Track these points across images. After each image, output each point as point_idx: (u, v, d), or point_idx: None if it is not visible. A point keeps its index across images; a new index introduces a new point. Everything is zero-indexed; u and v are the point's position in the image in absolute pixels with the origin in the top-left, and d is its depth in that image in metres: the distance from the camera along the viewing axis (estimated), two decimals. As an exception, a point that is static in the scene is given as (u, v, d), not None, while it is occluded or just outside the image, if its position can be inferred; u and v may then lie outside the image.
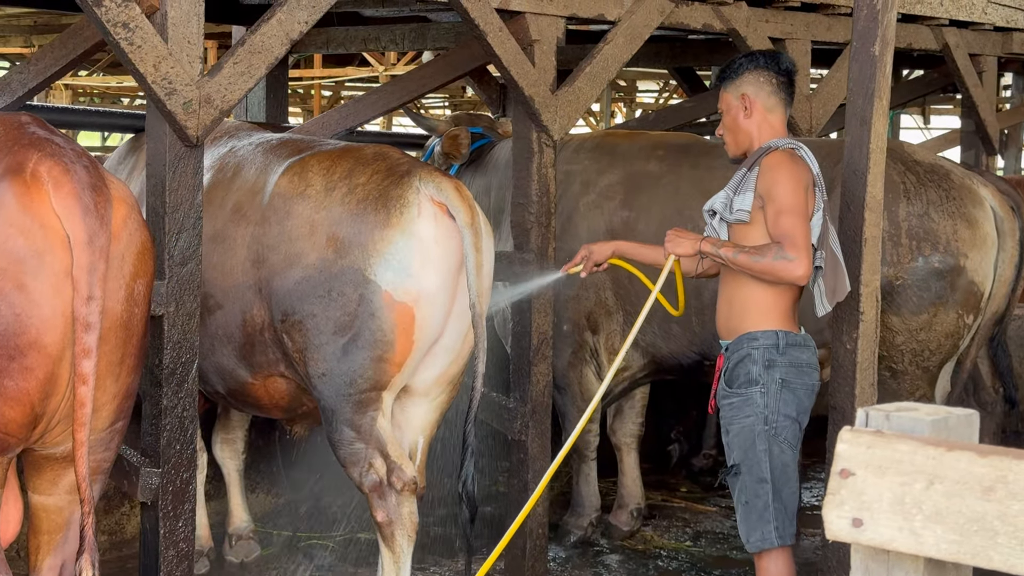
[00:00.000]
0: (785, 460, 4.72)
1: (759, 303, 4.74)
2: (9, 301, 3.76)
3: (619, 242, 5.44)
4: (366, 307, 4.90)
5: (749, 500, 4.73)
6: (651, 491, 7.57)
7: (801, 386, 4.74)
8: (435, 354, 5.08)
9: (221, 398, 5.67)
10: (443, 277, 4.97)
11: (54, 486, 4.09)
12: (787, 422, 4.71)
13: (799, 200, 4.61)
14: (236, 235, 5.28)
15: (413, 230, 4.93)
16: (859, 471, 1.71)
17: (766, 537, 4.70)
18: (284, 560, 6.54)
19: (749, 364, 4.72)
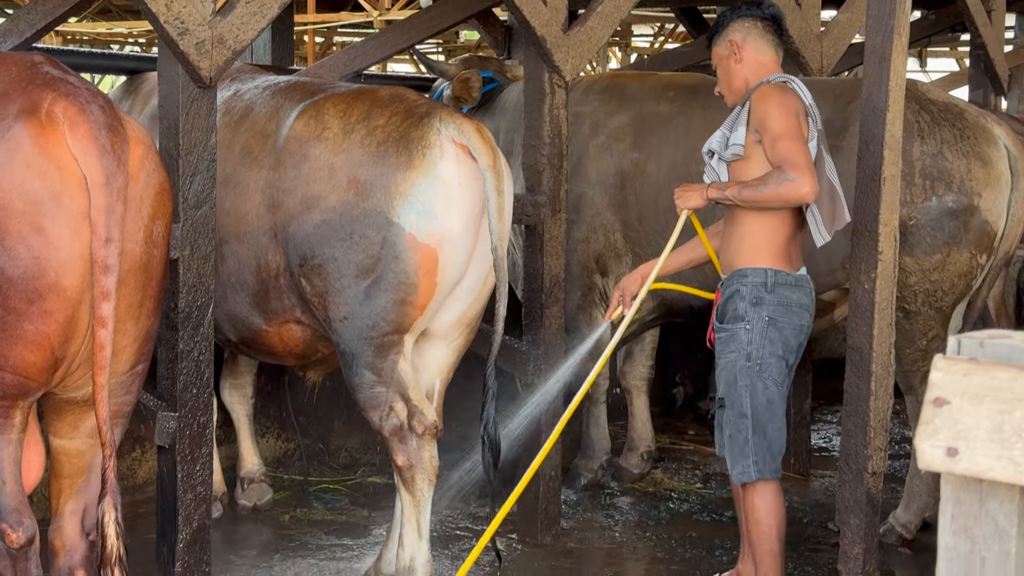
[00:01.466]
0: (770, 397, 4.84)
1: (752, 240, 4.86)
2: (27, 244, 3.72)
3: (643, 267, 5.39)
4: (389, 250, 4.86)
5: (732, 434, 4.90)
6: (659, 434, 7.58)
7: (788, 325, 4.83)
8: (456, 296, 5.05)
9: (233, 346, 5.63)
10: (466, 219, 4.92)
11: (75, 430, 4.07)
12: (772, 360, 4.82)
13: (792, 124, 4.70)
14: (248, 180, 5.22)
15: (436, 172, 4.88)
16: (954, 399, 1.68)
17: (745, 471, 4.87)
18: (296, 504, 6.54)
19: (737, 300, 4.85)
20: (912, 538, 6.20)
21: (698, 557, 6.04)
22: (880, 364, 4.92)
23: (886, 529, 6.15)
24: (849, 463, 4.97)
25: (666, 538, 6.30)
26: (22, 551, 3.87)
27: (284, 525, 6.22)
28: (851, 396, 4.96)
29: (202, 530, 4.92)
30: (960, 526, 1.75)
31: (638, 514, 6.68)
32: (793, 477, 6.96)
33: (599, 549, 6.16)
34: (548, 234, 6.00)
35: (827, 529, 6.39)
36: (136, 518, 6.03)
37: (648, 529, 6.44)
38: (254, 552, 5.87)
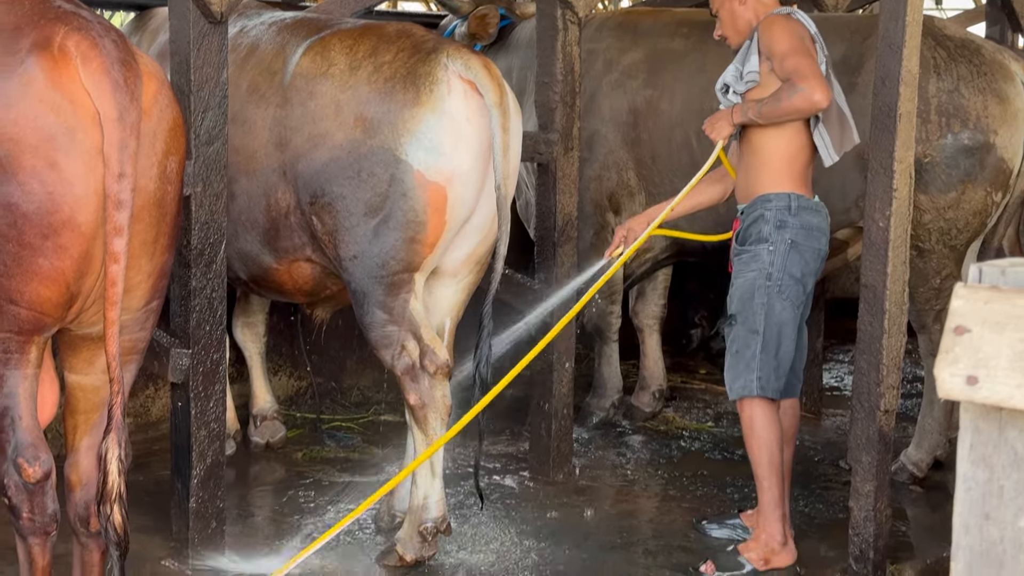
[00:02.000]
0: (784, 318, 5.04)
1: (773, 166, 5.06)
2: (41, 179, 3.70)
3: (650, 210, 5.61)
4: (397, 187, 4.83)
5: (739, 349, 5.08)
6: (671, 373, 7.60)
7: (809, 248, 5.06)
8: (465, 234, 5.03)
9: (243, 284, 5.63)
10: (475, 156, 4.89)
11: (90, 366, 4.07)
12: (791, 281, 5.03)
13: (797, 42, 4.93)
14: (256, 118, 5.19)
15: (444, 108, 4.84)
16: (975, 327, 1.67)
17: (747, 385, 5.04)
18: (309, 442, 6.57)
19: (761, 224, 5.04)
20: (923, 476, 6.22)
21: (709, 495, 6.06)
22: (894, 302, 4.90)
23: (897, 468, 6.16)
24: (861, 401, 4.97)
25: (678, 476, 6.32)
26: (38, 485, 3.89)
27: (297, 463, 6.26)
28: (864, 334, 4.95)
29: (216, 466, 4.94)
30: (979, 455, 1.74)
31: (650, 452, 6.70)
32: (805, 416, 6.96)
33: (611, 487, 6.19)
34: (561, 172, 5.98)
35: (839, 467, 6.42)
36: (150, 455, 6.07)
37: (660, 467, 6.46)
38: (267, 489, 5.91)
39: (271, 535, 5.37)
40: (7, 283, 3.73)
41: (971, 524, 1.76)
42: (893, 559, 5.21)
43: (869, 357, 4.94)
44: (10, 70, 3.71)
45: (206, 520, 4.94)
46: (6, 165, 3.67)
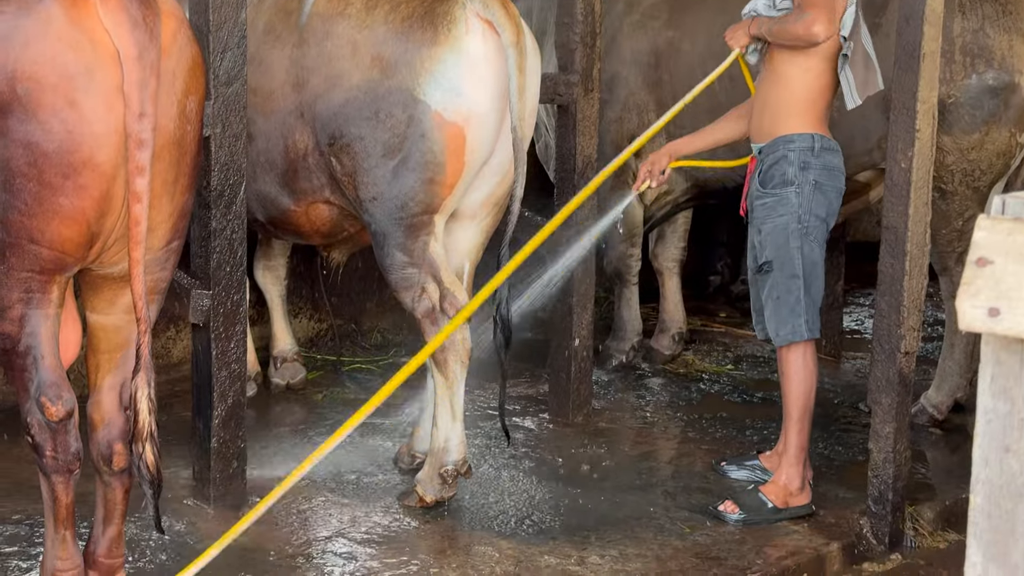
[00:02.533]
0: (814, 258, 5.09)
1: (795, 106, 5.07)
2: (61, 118, 3.70)
3: (674, 143, 5.65)
4: (416, 128, 4.80)
5: (781, 296, 5.09)
6: (690, 316, 7.59)
7: (831, 188, 5.10)
8: (483, 176, 5.01)
9: (260, 226, 5.62)
10: (493, 96, 4.85)
11: (112, 305, 4.08)
12: (817, 222, 5.07)
13: None
14: (273, 58, 5.16)
15: (462, 47, 4.81)
16: (997, 259, 1.66)
17: (797, 330, 5.08)
18: (329, 383, 6.60)
19: (785, 165, 5.05)
20: (943, 419, 6.22)
21: (728, 437, 6.08)
22: (915, 244, 4.88)
23: (917, 410, 6.16)
24: (882, 343, 4.96)
25: (697, 418, 6.34)
26: (61, 424, 3.91)
27: (317, 404, 6.29)
28: (885, 276, 4.93)
29: (237, 407, 4.97)
30: (1000, 387, 1.74)
31: (669, 395, 6.71)
32: (825, 359, 6.96)
33: (630, 429, 6.20)
34: (581, 114, 5.95)
35: (858, 410, 6.42)
36: (172, 396, 6.10)
37: (679, 409, 6.47)
38: (288, 430, 5.94)
39: (292, 475, 5.40)
40: (28, 223, 3.73)
41: (991, 457, 1.76)
42: (912, 501, 5.23)
43: (890, 299, 4.93)
44: (29, 9, 3.70)
45: (227, 460, 4.98)
46: (26, 104, 3.67)
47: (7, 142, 3.69)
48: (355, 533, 4.90)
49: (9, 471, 5.29)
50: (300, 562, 4.65)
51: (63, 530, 4.03)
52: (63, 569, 4.06)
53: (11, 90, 3.67)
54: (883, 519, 5.04)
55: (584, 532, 4.98)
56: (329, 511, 5.08)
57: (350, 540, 4.84)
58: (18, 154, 3.70)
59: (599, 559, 4.76)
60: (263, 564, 4.61)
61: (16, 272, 3.80)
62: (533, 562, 4.71)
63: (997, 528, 1.77)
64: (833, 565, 4.97)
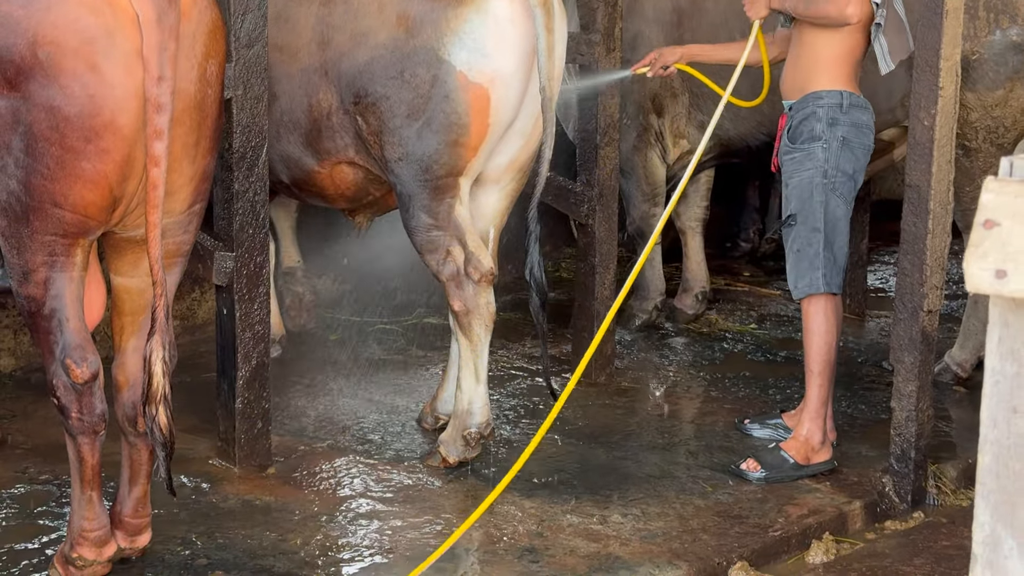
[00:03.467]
0: (839, 214, 5.13)
1: (825, 64, 5.11)
2: (82, 82, 3.72)
3: (689, 46, 5.84)
4: (440, 89, 4.78)
5: (801, 248, 5.14)
6: (714, 276, 7.59)
7: (859, 145, 5.13)
8: (508, 139, 4.98)
9: (285, 188, 5.59)
10: (518, 58, 4.83)
11: (135, 268, 4.12)
12: (844, 178, 5.11)
13: None
14: (299, 16, 5.15)
15: (487, 7, 4.78)
16: (1005, 221, 1.66)
17: (814, 283, 5.12)
18: (354, 345, 6.63)
19: (813, 121, 5.09)
20: (967, 377, 6.21)
21: (752, 396, 6.09)
22: (938, 202, 4.87)
23: (941, 368, 6.16)
24: (905, 301, 4.96)
25: (720, 377, 6.35)
26: (86, 386, 3.96)
27: (341, 364, 6.32)
28: (908, 234, 4.92)
29: (261, 367, 5.00)
30: (1007, 348, 1.74)
31: (692, 354, 6.72)
32: (849, 317, 6.95)
33: (653, 388, 6.22)
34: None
35: (882, 368, 6.42)
36: (196, 356, 6.15)
37: (702, 369, 6.48)
38: (313, 390, 5.98)
39: (316, 436, 5.45)
40: (51, 186, 3.77)
41: (999, 417, 1.76)
42: (935, 459, 5.23)
43: (913, 257, 4.92)
44: (49, -27, 3.72)
45: (252, 420, 5.02)
46: (47, 68, 3.69)
47: (29, 107, 3.72)
48: (379, 492, 4.94)
49: (36, 432, 5.35)
50: (324, 520, 4.69)
51: (89, 491, 4.08)
52: (90, 529, 4.12)
53: (32, 55, 3.70)
54: (905, 477, 5.05)
55: (606, 491, 5.01)
56: (353, 471, 5.12)
57: (374, 499, 4.89)
58: (40, 118, 3.72)
59: (621, 518, 4.79)
60: (288, 523, 4.66)
61: (40, 236, 3.84)
62: (556, 521, 4.74)
63: (1005, 488, 1.79)
64: (855, 523, 4.99)
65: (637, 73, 5.77)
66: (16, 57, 3.71)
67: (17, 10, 3.72)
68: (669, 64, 5.66)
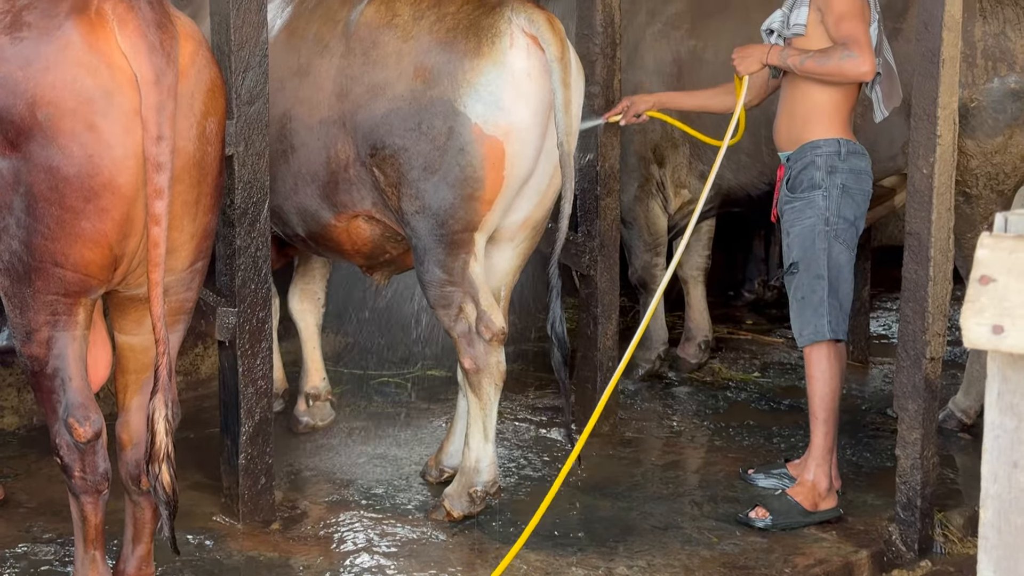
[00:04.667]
0: (842, 261, 5.15)
1: (820, 113, 5.12)
2: (81, 142, 3.75)
3: (661, 94, 5.89)
4: (455, 141, 4.76)
5: (805, 296, 5.15)
6: (716, 324, 7.59)
7: (859, 191, 5.15)
8: (523, 196, 4.95)
9: (301, 241, 5.54)
10: (534, 112, 4.81)
11: (139, 326, 4.12)
12: (845, 224, 5.13)
13: (856, 5, 4.97)
14: (320, 68, 5.12)
15: (505, 61, 4.76)
16: (1001, 277, 1.67)
17: (819, 330, 5.13)
18: (357, 397, 6.62)
19: (812, 170, 5.11)
20: (972, 423, 6.20)
21: (756, 445, 6.07)
22: (939, 249, 4.87)
23: (946, 415, 6.14)
24: (907, 349, 4.95)
25: (724, 427, 6.33)
26: (89, 445, 3.96)
27: (344, 418, 6.30)
28: (909, 282, 4.92)
29: (264, 423, 5.00)
30: (1007, 403, 1.74)
31: (696, 403, 6.71)
32: (852, 364, 6.94)
33: (657, 438, 6.20)
34: (602, 125, 5.95)
35: (886, 415, 6.39)
36: (200, 412, 6.14)
37: (706, 418, 6.47)
38: (316, 444, 5.97)
39: (320, 491, 5.43)
40: (51, 246, 3.78)
41: (999, 472, 1.76)
42: (941, 507, 5.21)
43: (914, 305, 4.92)
44: (48, 34, 3.76)
45: (255, 476, 5.01)
46: (46, 129, 3.72)
47: (29, 167, 3.74)
48: (384, 547, 4.92)
49: (39, 490, 5.33)
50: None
51: (92, 549, 4.07)
52: (93, 588, 4.10)
53: (32, 115, 3.72)
54: (912, 526, 5.02)
55: (612, 543, 4.99)
56: (357, 525, 5.10)
57: (379, 554, 4.87)
58: (40, 179, 3.75)
59: (627, 570, 4.76)
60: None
61: (42, 295, 3.85)
62: (561, 573, 4.72)
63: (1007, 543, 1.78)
64: (862, 573, 4.96)
65: (610, 121, 5.76)
66: (16, 118, 3.74)
67: (16, 71, 3.76)
68: (641, 112, 5.68)
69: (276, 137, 5.19)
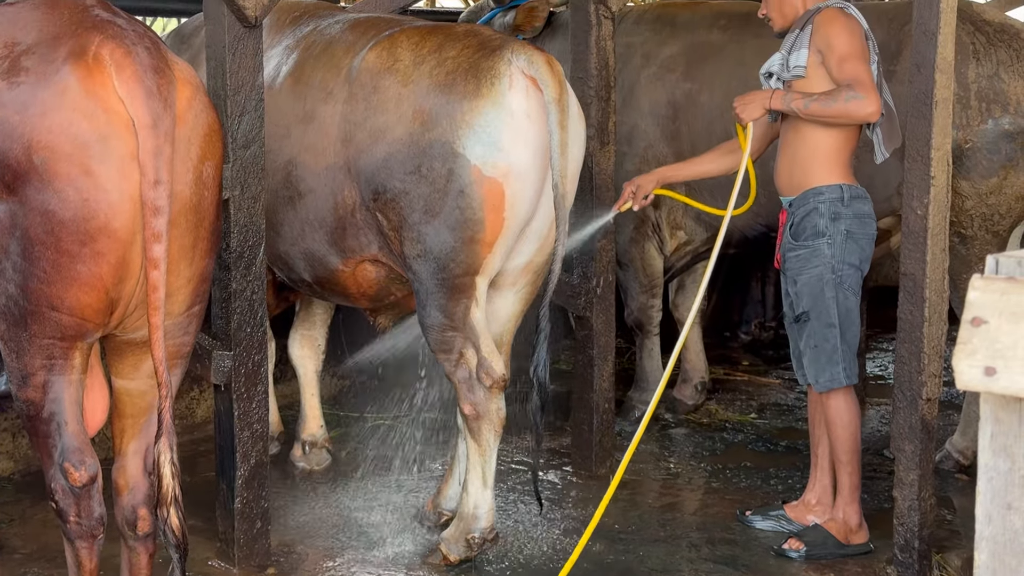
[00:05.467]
0: (849, 306, 5.17)
1: (822, 158, 5.12)
2: (77, 186, 3.75)
3: (662, 169, 5.79)
4: (455, 183, 4.73)
5: (818, 344, 5.17)
6: (713, 365, 7.58)
7: (863, 236, 5.17)
8: (524, 240, 4.94)
9: (307, 286, 5.53)
10: (534, 153, 4.78)
11: (136, 370, 4.12)
12: (851, 270, 5.14)
13: (858, 45, 4.98)
14: (325, 114, 5.13)
15: (504, 102, 4.75)
16: (992, 319, 1.67)
17: (835, 377, 5.17)
18: (353, 440, 6.61)
19: (816, 217, 5.11)
20: (969, 464, 6.18)
21: (753, 487, 6.05)
22: (934, 290, 4.88)
23: (943, 456, 6.13)
24: (903, 390, 4.95)
25: (721, 468, 6.31)
26: (85, 490, 3.94)
27: (340, 461, 6.29)
28: (905, 323, 4.93)
29: (260, 466, 4.99)
30: (1000, 445, 1.74)
31: (693, 445, 6.70)
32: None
33: (654, 480, 6.19)
34: (597, 167, 5.98)
35: (883, 456, 6.39)
36: (196, 456, 6.13)
37: (703, 460, 6.46)
38: (312, 488, 5.95)
39: (316, 535, 5.41)
40: (47, 290, 3.78)
41: (994, 514, 1.76)
42: (939, 548, 5.19)
43: (910, 346, 4.92)
44: (46, 79, 3.77)
45: (251, 520, 4.99)
46: (42, 173, 3.72)
47: (25, 211, 3.75)
48: (379, 591, 4.90)
49: (33, 536, 5.31)
50: (324, 622, 4.65)
51: (87, 595, 4.05)
52: (88, 634, 4.08)
53: (28, 159, 3.73)
54: (910, 567, 5.01)
55: (609, 586, 4.97)
56: (353, 569, 5.08)
57: (374, 598, 4.84)
58: (36, 222, 3.75)
59: (624, 613, 4.74)
60: (287, 624, 4.61)
61: (38, 339, 3.85)
62: (558, 618, 4.69)
63: (1002, 585, 1.77)
64: (860, 615, 4.94)
65: (622, 211, 5.66)
66: (12, 162, 3.75)
67: (13, 116, 3.77)
68: (649, 193, 5.57)
69: (283, 183, 5.21)
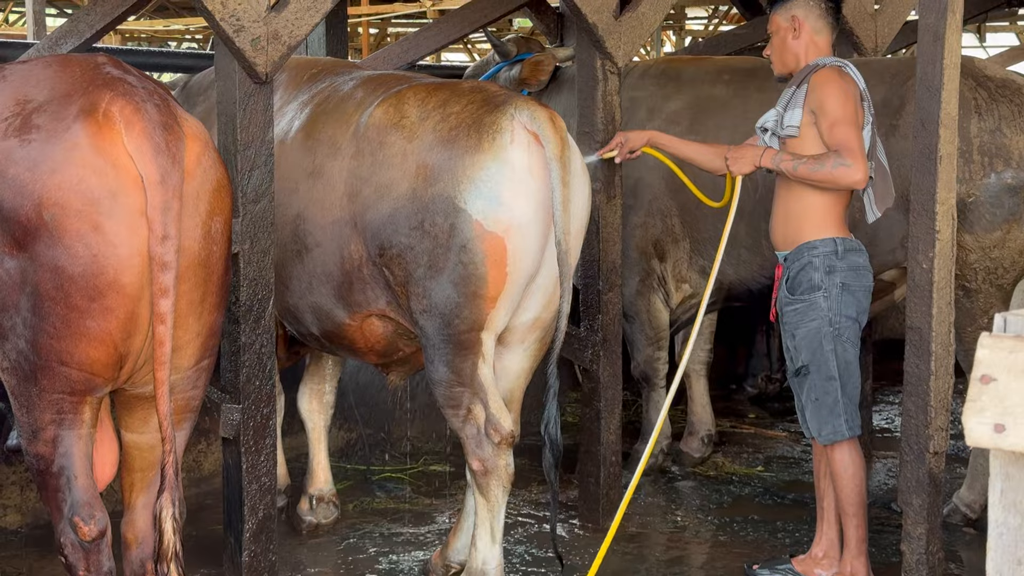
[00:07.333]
0: (848, 358, 5.18)
1: (815, 213, 5.16)
2: (86, 242, 3.78)
3: (654, 132, 5.88)
4: (457, 238, 4.73)
5: (819, 397, 5.19)
6: (719, 418, 7.59)
7: (859, 288, 5.19)
8: (530, 296, 4.94)
9: (315, 340, 5.53)
10: (536, 208, 4.77)
11: (145, 424, 4.14)
12: (848, 322, 5.16)
13: (850, 111, 5.02)
14: (333, 169, 5.16)
15: (505, 156, 4.76)
16: (1001, 376, 1.69)
17: (837, 430, 5.18)
18: (359, 493, 6.61)
19: (811, 271, 5.15)
20: (977, 518, 6.17)
21: (761, 540, 6.04)
22: (940, 343, 4.90)
23: (950, 509, 6.12)
24: (910, 443, 4.95)
25: (728, 521, 6.30)
26: (94, 543, 3.95)
27: (348, 514, 6.29)
28: (911, 376, 4.94)
29: (267, 520, 4.99)
30: (1010, 501, 1.75)
31: (700, 498, 6.69)
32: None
33: (661, 533, 6.18)
34: (603, 220, 6.01)
35: (891, 510, 6.38)
36: (203, 509, 6.12)
37: (710, 513, 6.45)
38: (319, 541, 5.94)
39: (323, 587, 5.40)
40: (57, 345, 3.81)
41: (1004, 570, 1.77)
42: (947, 602, 5.18)
43: (917, 399, 4.93)
44: (57, 136, 3.82)
45: (258, 573, 4.98)
46: (52, 229, 3.76)
47: (35, 267, 3.78)
48: (386, 646, 4.89)
49: (42, 589, 5.31)
50: (331, 676, 4.64)
51: (96, 650, 4.04)
52: None
53: (38, 216, 3.77)
54: (918, 622, 4.99)
55: (616, 641, 4.95)
56: (360, 623, 5.07)
57: (381, 653, 4.83)
58: (46, 278, 3.78)
59: (632, 668, 4.72)
60: None
61: (48, 394, 3.87)
62: (565, 672, 4.68)
63: (1013, 641, 1.78)
64: (869, 670, 4.91)
65: (604, 158, 5.78)
66: (23, 218, 3.79)
67: (24, 173, 3.81)
68: (636, 148, 5.70)
69: (291, 237, 5.23)
